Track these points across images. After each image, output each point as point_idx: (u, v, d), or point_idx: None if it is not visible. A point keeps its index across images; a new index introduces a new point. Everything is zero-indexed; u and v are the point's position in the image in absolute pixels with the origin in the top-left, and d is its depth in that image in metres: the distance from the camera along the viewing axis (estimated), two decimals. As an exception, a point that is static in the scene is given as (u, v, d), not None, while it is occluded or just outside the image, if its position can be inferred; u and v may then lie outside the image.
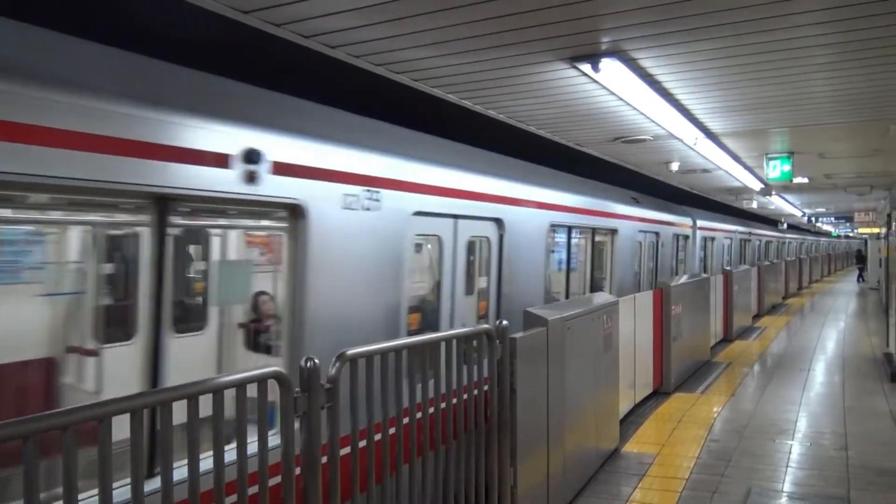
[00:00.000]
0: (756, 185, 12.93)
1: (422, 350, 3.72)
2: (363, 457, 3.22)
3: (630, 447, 6.64)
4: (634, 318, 7.92)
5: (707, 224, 15.95)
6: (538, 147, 8.32)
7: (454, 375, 3.89)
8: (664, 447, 6.64)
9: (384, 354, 3.34)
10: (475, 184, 5.79)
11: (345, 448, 3.09)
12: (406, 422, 3.53)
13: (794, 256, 28.89)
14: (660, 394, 8.85)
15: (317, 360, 2.85)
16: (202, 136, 3.28)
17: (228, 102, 3.66)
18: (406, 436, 3.52)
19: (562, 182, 8.10)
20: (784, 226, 29.73)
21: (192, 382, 2.46)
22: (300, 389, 2.81)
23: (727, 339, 13.66)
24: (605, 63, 4.79)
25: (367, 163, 4.40)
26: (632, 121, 7.08)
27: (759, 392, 9.09)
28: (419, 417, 3.70)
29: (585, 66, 4.91)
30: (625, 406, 7.40)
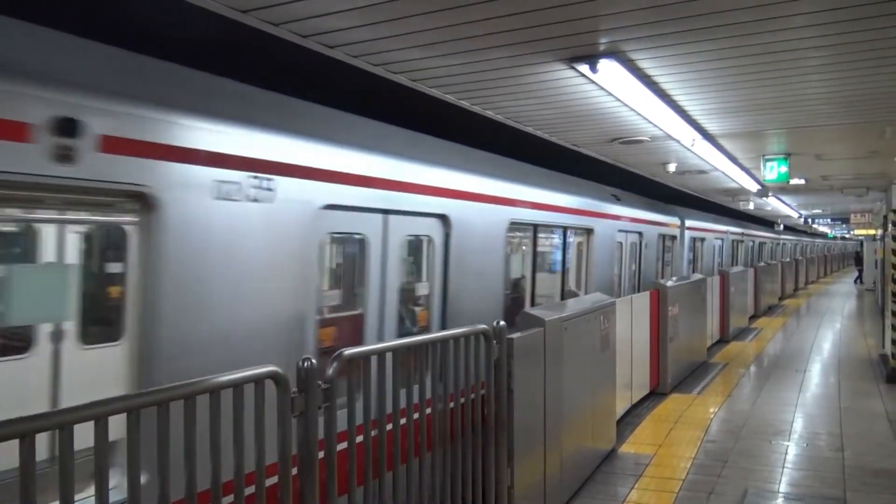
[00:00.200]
0: (753, 187, 12.95)
1: (418, 350, 3.72)
2: (360, 456, 3.22)
3: (627, 448, 6.66)
4: (631, 319, 7.93)
5: (696, 224, 15.40)
6: (513, 142, 7.66)
7: (451, 376, 3.89)
8: (661, 448, 6.65)
9: (381, 354, 3.34)
10: (413, 174, 4.98)
11: (341, 444, 3.07)
12: (403, 422, 3.53)
13: (790, 258, 28.87)
14: (656, 394, 8.86)
15: (314, 360, 2.85)
16: None
17: (30, 54, 2.81)
18: (403, 436, 3.53)
19: (526, 175, 7.18)
20: (780, 227, 29.72)
21: (189, 382, 2.45)
22: (297, 389, 2.81)
23: (724, 340, 13.69)
24: (603, 64, 4.79)
25: (256, 142, 3.61)
26: (629, 122, 7.09)
27: (756, 393, 9.11)
28: (416, 418, 3.70)
29: (583, 67, 4.92)
30: (622, 407, 7.42)
